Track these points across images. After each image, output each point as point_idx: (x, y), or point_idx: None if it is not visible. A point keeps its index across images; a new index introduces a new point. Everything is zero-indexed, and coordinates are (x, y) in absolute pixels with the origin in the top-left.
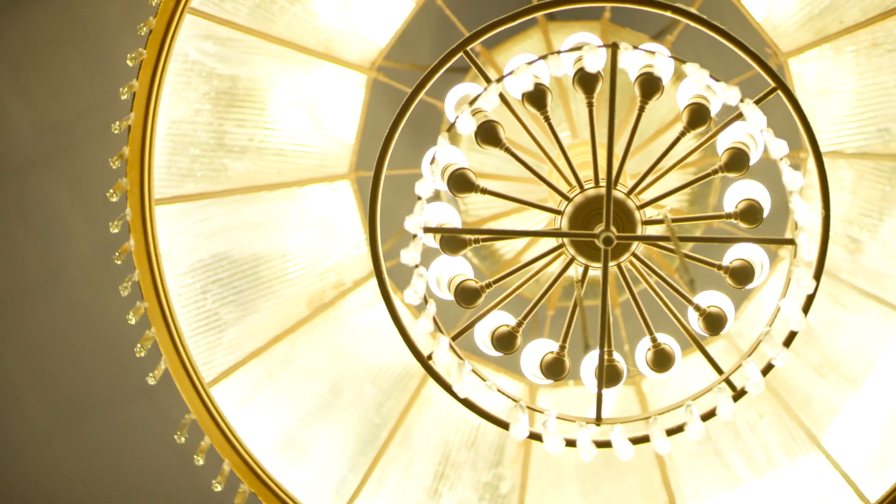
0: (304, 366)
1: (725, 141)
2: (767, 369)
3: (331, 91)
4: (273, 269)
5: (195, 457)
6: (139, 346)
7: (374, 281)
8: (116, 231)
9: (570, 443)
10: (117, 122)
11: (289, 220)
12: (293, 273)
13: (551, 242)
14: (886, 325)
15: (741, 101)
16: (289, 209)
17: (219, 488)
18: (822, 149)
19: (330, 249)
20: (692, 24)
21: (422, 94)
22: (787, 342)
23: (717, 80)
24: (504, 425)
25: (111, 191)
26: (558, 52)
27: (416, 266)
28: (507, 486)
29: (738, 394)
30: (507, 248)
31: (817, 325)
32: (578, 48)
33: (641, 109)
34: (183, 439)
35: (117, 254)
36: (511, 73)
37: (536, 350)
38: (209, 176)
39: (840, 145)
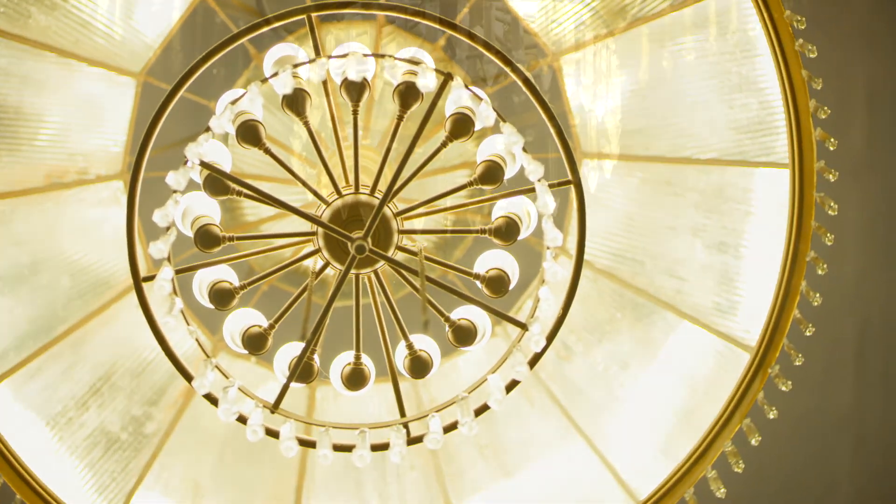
0: (16, 232)
1: (503, 208)
2: (448, 429)
3: None
4: (28, 130)
5: None
6: None
7: (116, 183)
8: None
9: (241, 418)
10: None
11: (63, 91)
12: (44, 141)
13: (302, 226)
14: (559, 436)
15: (539, 180)
16: (68, 80)
17: None
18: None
19: (89, 136)
20: (525, 89)
21: (243, 41)
22: (478, 413)
23: (526, 151)
24: (188, 375)
25: None
26: (394, 57)
27: (176, 192)
28: (152, 427)
29: (413, 440)
30: (252, 210)
31: (500, 410)
32: (416, 62)
33: (444, 144)
34: None
35: None
36: (344, 55)
37: (243, 318)
38: (10, 16)
39: (592, 257)
